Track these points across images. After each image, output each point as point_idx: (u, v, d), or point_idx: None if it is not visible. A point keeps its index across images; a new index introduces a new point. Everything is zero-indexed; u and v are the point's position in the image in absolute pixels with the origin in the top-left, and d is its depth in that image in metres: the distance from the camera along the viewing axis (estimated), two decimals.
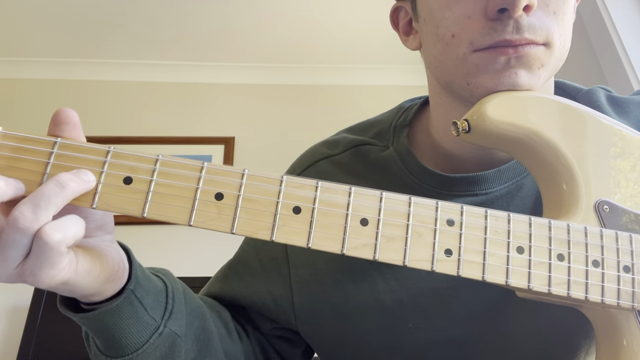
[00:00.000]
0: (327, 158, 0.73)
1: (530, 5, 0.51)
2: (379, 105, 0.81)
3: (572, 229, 0.49)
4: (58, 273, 0.40)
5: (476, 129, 0.52)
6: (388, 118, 0.74)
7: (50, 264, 0.39)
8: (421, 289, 0.63)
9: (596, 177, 0.52)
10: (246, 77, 2.88)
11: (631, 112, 0.67)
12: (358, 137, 0.73)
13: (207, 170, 0.43)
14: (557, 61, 0.56)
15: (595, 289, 0.48)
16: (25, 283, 0.41)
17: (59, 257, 0.40)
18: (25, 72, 2.78)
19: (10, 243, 0.39)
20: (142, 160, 0.42)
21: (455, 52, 0.55)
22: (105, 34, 2.60)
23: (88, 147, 0.41)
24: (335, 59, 2.83)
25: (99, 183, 0.41)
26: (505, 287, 0.47)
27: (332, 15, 2.51)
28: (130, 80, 2.82)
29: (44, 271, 0.39)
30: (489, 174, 0.64)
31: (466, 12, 0.54)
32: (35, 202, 0.39)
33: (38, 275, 0.40)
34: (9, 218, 0.39)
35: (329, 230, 0.44)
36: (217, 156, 2.61)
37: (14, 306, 2.17)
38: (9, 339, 2.11)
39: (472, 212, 0.47)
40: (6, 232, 0.39)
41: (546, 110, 0.53)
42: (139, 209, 0.40)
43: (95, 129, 2.65)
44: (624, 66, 1.48)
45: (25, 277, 0.40)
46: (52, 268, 0.40)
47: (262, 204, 0.43)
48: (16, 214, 0.38)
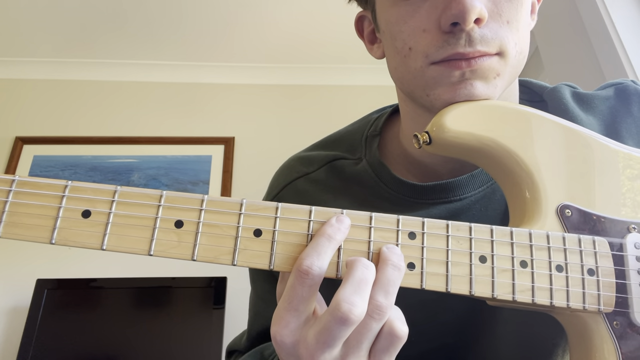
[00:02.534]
0: (303, 176, 0.73)
1: (481, 17, 0.51)
2: (379, 105, 0.81)
3: (533, 235, 0.49)
4: None
5: (437, 140, 0.52)
6: (359, 129, 0.74)
7: None
8: (410, 304, 0.63)
9: (557, 182, 0.53)
10: (246, 77, 2.88)
11: (597, 107, 0.67)
12: (331, 153, 0.73)
13: (166, 198, 0.43)
14: (514, 68, 0.56)
15: (560, 294, 0.49)
16: None
17: None
18: (25, 72, 2.78)
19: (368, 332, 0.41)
20: (100, 192, 0.42)
21: (412, 64, 0.55)
22: (105, 34, 2.60)
23: (45, 182, 0.42)
24: (336, 59, 2.84)
25: (57, 218, 0.41)
26: (470, 297, 0.48)
27: (332, 15, 2.50)
28: (130, 81, 2.83)
29: None
30: (462, 179, 0.64)
31: (421, 25, 0.54)
32: (385, 289, 0.42)
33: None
34: (368, 308, 0.41)
35: (292, 251, 0.45)
36: (217, 156, 2.61)
37: (14, 306, 2.19)
38: (9, 339, 2.13)
39: (433, 224, 0.48)
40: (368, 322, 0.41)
41: (504, 117, 0.53)
42: (97, 242, 0.41)
43: (95, 129, 2.66)
44: (624, 66, 1.47)
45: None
46: None
47: (222, 229, 0.44)
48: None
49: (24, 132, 2.62)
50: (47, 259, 2.28)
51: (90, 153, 2.59)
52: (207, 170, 2.57)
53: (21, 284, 2.21)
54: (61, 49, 2.70)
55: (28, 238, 0.40)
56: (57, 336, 2.00)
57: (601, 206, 0.53)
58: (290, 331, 0.41)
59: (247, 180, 2.55)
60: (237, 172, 2.60)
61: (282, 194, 0.72)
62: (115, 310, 2.07)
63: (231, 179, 2.56)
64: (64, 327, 2.03)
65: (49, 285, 2.11)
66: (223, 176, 2.55)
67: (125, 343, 2.02)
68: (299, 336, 0.41)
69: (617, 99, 0.67)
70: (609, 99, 0.67)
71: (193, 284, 2.13)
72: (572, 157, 0.54)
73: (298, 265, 0.41)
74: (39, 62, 2.77)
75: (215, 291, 2.12)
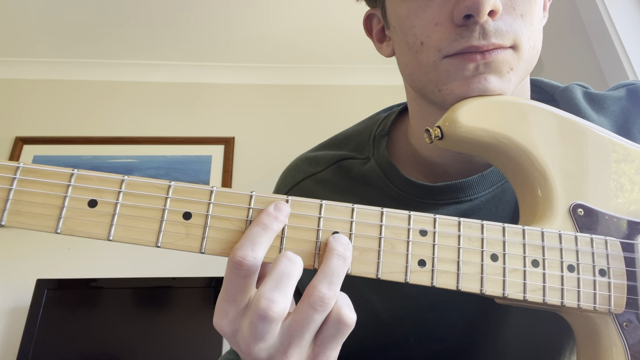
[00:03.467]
0: (310, 177, 0.72)
1: (495, 10, 0.50)
2: (379, 105, 0.81)
3: (546, 235, 0.49)
4: None
5: (449, 135, 0.51)
6: (366, 128, 0.74)
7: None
8: (420, 305, 0.62)
9: (571, 180, 0.52)
10: (246, 77, 2.88)
11: (608, 107, 0.66)
12: (338, 152, 0.72)
13: (175, 189, 0.42)
14: (528, 63, 0.56)
15: (571, 294, 0.48)
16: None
17: None
18: (25, 72, 2.77)
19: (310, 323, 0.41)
20: (107, 182, 0.41)
21: (425, 59, 0.55)
22: (105, 34, 2.60)
23: (51, 170, 0.41)
24: (335, 59, 2.84)
25: (63, 207, 0.40)
26: (480, 295, 0.47)
27: (332, 15, 2.50)
28: (130, 81, 2.82)
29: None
30: (472, 179, 0.63)
31: (433, 19, 0.53)
32: (329, 279, 0.41)
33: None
34: (309, 300, 0.40)
35: (301, 246, 0.44)
36: (217, 156, 2.61)
37: (14, 306, 2.18)
38: (9, 339, 2.12)
39: (445, 222, 0.47)
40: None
41: (518, 114, 0.53)
42: (104, 233, 0.40)
43: (95, 129, 2.65)
44: (624, 66, 1.47)
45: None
46: None
47: (231, 222, 0.43)
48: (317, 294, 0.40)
49: (24, 132, 2.61)
50: (47, 259, 2.27)
51: (90, 153, 2.59)
52: (207, 170, 2.57)
53: (21, 284, 2.20)
54: (61, 49, 2.70)
55: (33, 227, 0.39)
56: (57, 336, 1.99)
57: (613, 206, 0.52)
58: (229, 321, 0.41)
59: (247, 180, 2.55)
60: (237, 172, 2.59)
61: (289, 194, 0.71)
62: (115, 310, 2.06)
63: (231, 179, 2.55)
64: (64, 327, 2.01)
65: (49, 285, 2.10)
66: (223, 176, 2.55)
67: (125, 343, 2.01)
68: (237, 325, 0.41)
69: (629, 100, 0.67)
70: (621, 100, 0.67)
71: (193, 284, 2.12)
72: (585, 156, 0.53)
73: (232, 256, 0.40)
74: (39, 62, 2.76)
75: (215, 291, 2.11)
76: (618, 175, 0.53)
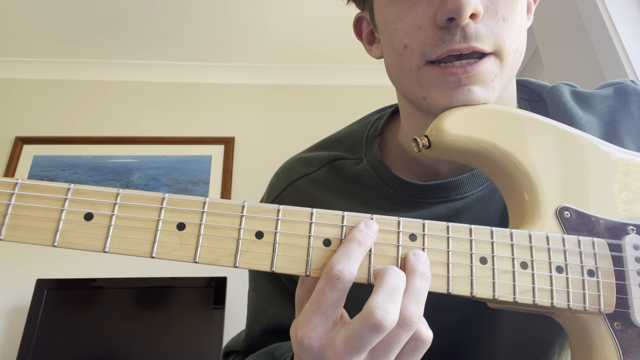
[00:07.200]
0: (304, 177, 0.73)
1: (477, 13, 0.51)
2: (379, 105, 0.82)
3: (533, 237, 0.50)
4: None
5: (436, 144, 0.52)
6: (359, 130, 0.74)
7: None
8: None
9: (555, 184, 0.53)
10: (246, 77, 2.88)
11: (596, 106, 0.67)
12: (331, 153, 0.73)
13: (169, 201, 0.44)
14: (512, 68, 0.56)
15: (561, 295, 0.49)
16: None
17: None
18: (25, 72, 2.78)
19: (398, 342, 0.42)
20: (103, 195, 0.42)
21: (408, 63, 0.56)
22: (105, 34, 2.61)
23: (48, 186, 0.42)
24: (336, 59, 2.84)
25: (59, 221, 0.41)
26: (471, 298, 0.48)
27: (332, 16, 2.50)
28: (130, 80, 2.83)
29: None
30: (463, 178, 0.64)
31: (416, 22, 0.54)
32: (415, 299, 0.43)
33: None
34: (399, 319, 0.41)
35: (293, 253, 0.45)
36: (217, 156, 2.61)
37: (14, 306, 2.19)
38: (9, 339, 2.13)
39: (434, 226, 0.48)
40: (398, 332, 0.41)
41: (502, 121, 0.54)
42: (100, 245, 0.41)
43: (95, 129, 2.66)
44: (624, 66, 1.47)
45: None
46: None
47: (224, 231, 0.44)
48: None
49: (24, 132, 2.62)
50: (47, 259, 2.29)
51: (90, 153, 2.59)
52: (207, 170, 2.58)
53: (21, 284, 2.21)
54: (61, 49, 2.70)
55: (30, 241, 0.40)
56: (57, 336, 2.01)
57: (599, 208, 0.53)
58: (318, 335, 0.41)
59: (247, 180, 2.55)
60: (237, 172, 2.60)
61: (283, 195, 0.72)
62: (115, 310, 2.08)
63: (231, 179, 2.56)
64: (64, 327, 2.03)
65: (49, 285, 2.11)
66: (223, 176, 2.56)
67: (125, 343, 2.02)
68: (327, 340, 0.42)
69: (616, 98, 0.67)
70: (608, 98, 0.68)
71: (193, 284, 2.13)
72: (569, 160, 0.54)
73: (329, 270, 0.42)
74: (39, 62, 2.77)
75: (215, 291, 2.12)
76: (604, 177, 0.54)
